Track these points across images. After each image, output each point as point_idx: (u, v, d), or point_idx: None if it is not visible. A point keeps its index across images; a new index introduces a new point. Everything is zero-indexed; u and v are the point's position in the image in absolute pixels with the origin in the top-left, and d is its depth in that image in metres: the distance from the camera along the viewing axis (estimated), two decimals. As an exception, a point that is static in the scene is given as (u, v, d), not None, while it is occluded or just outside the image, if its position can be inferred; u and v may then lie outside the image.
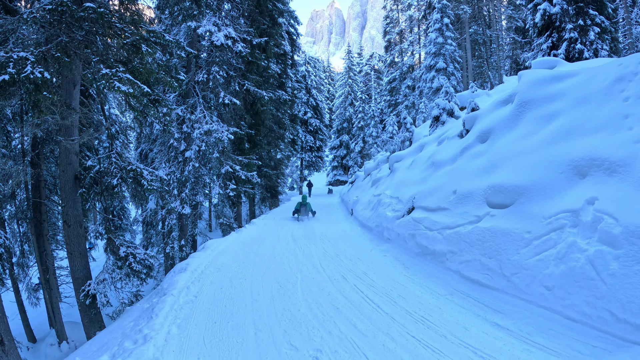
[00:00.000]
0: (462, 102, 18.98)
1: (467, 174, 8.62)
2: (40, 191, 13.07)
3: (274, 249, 11.47)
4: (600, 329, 4.26)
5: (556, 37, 19.74)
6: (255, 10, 20.57)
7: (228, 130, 15.38)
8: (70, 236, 9.73)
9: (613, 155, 5.28)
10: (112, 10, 8.87)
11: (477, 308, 5.72)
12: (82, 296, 9.59)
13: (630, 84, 6.22)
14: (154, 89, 9.96)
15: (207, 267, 9.53)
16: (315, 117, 45.85)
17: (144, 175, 9.95)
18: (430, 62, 31.28)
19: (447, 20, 30.95)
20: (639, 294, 3.95)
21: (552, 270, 4.95)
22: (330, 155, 53.95)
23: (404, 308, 6.02)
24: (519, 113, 8.51)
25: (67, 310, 14.34)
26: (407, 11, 47.47)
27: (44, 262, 13.02)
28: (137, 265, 9.78)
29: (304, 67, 45.36)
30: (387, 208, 11.98)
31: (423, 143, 15.63)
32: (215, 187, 16.21)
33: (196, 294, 7.58)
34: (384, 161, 21.52)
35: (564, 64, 10.82)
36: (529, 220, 5.83)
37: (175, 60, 14.55)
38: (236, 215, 20.41)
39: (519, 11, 32.21)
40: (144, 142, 22.65)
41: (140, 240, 22.84)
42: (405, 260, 8.88)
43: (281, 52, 24.75)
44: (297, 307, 6.44)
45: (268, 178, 25.00)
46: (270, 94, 20.85)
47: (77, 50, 8.41)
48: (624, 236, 4.33)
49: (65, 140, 9.16)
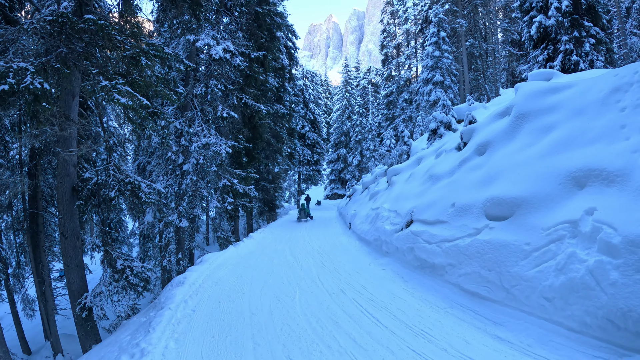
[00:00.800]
0: (459, 115, 19.09)
1: (465, 187, 8.61)
2: (37, 202, 13.03)
3: (272, 263, 11.41)
4: (602, 339, 4.24)
5: (552, 49, 19.94)
6: (253, 24, 20.75)
7: (226, 143, 15.40)
8: (67, 248, 9.67)
9: (611, 166, 5.29)
10: (112, 22, 8.90)
11: (477, 321, 5.68)
12: (79, 309, 9.50)
13: (626, 94, 6.26)
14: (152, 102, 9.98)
15: (205, 281, 9.47)
16: (313, 130, 46.06)
17: (142, 188, 9.92)
18: (427, 75, 31.49)
19: (444, 34, 31.23)
20: (639, 302, 3.93)
21: (552, 282, 4.93)
22: (327, 168, 54.10)
23: (403, 321, 5.97)
24: (516, 125, 8.54)
25: (62, 322, 14.24)
26: (404, 25, 48.04)
27: (40, 274, 12.93)
28: (134, 278, 9.72)
29: (302, 81, 45.63)
30: (385, 221, 11.94)
31: (421, 156, 15.66)
32: (213, 201, 16.18)
33: (194, 308, 7.52)
34: (382, 174, 21.54)
35: (560, 75, 10.89)
36: (528, 232, 5.81)
37: (173, 73, 14.62)
38: (234, 228, 20.38)
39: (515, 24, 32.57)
40: (142, 155, 22.67)
41: (137, 253, 22.78)
42: (404, 274, 8.83)
43: (279, 65, 24.90)
44: (296, 321, 6.38)
45: (266, 192, 25.00)
46: (268, 107, 20.93)
47: (77, 62, 8.43)
48: (623, 245, 4.31)
49: (64, 151, 9.15)
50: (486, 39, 35.46)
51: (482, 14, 35.34)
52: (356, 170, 47.55)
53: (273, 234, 18.80)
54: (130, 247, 25.39)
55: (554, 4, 19.37)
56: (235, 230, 20.44)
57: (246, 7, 18.99)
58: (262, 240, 16.64)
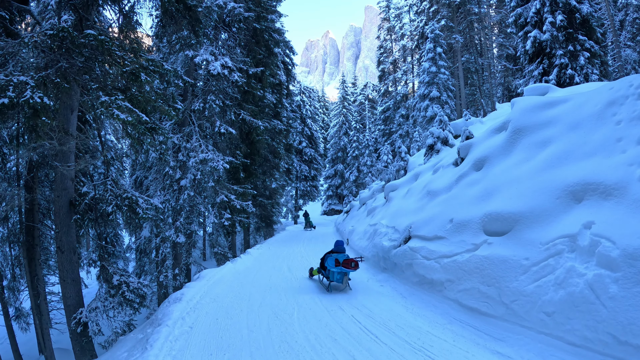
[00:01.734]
0: (456, 130, 19.18)
1: (463, 202, 8.62)
2: (33, 215, 12.95)
3: (270, 279, 11.32)
4: (603, 353, 4.22)
5: (547, 64, 20.14)
6: (251, 40, 20.95)
7: (224, 159, 15.42)
8: (64, 262, 9.58)
9: (608, 179, 5.32)
10: (113, 38, 8.95)
11: (477, 336, 5.64)
12: (74, 324, 9.38)
13: (621, 107, 6.33)
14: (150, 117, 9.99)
15: (202, 297, 9.39)
16: (310, 146, 46.20)
17: (140, 204, 9.88)
18: (424, 91, 31.74)
19: (440, 50, 31.59)
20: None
21: (552, 296, 4.92)
22: (325, 184, 54.13)
23: (402, 338, 5.93)
24: (513, 140, 8.59)
25: (57, 336, 14.09)
26: (400, 41, 48.55)
27: (35, 287, 12.81)
28: (131, 294, 9.61)
29: (299, 97, 45.94)
30: (383, 238, 11.91)
31: (418, 172, 15.69)
32: (210, 216, 16.15)
33: (191, 325, 7.44)
34: (379, 190, 21.54)
35: (555, 89, 11.00)
36: (527, 247, 5.82)
37: (172, 89, 14.68)
38: (231, 244, 20.30)
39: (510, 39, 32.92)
40: (139, 170, 22.63)
41: (133, 267, 22.59)
42: (403, 290, 8.80)
43: (277, 81, 25.07)
44: (295, 339, 6.31)
45: (263, 207, 24.96)
46: (266, 123, 21.04)
47: (77, 77, 8.46)
48: (622, 259, 4.32)
49: (62, 166, 9.12)
50: (482, 54, 35.85)
51: (478, 30, 35.80)
52: (353, 186, 47.58)
53: (270, 250, 18.71)
54: (127, 261, 25.16)
55: (548, 19, 19.63)
56: (232, 246, 20.37)
57: (244, 23, 19.18)
58: (260, 256, 16.55)
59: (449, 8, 35.93)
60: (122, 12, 9.89)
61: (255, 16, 20.31)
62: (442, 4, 36.27)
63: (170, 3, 9.87)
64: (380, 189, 21.35)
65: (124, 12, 9.90)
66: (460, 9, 35.07)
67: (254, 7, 20.30)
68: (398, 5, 49.83)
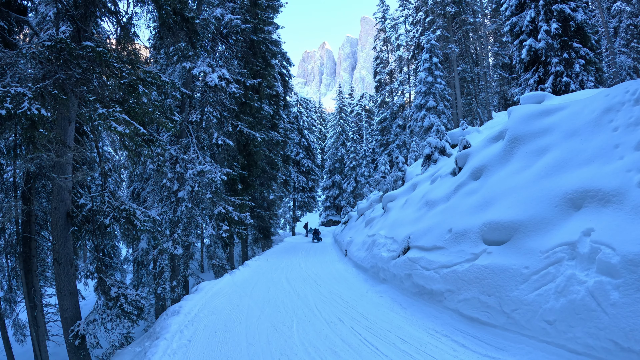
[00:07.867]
0: (453, 139, 19.23)
1: (461, 212, 8.60)
2: (30, 226, 12.86)
3: (268, 292, 11.27)
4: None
5: (542, 72, 20.23)
6: (248, 51, 21.02)
7: (221, 170, 15.39)
8: (61, 274, 9.50)
9: (606, 186, 5.32)
10: (110, 49, 8.96)
11: (479, 346, 5.60)
12: (71, 336, 9.28)
13: (618, 113, 6.36)
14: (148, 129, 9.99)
15: (200, 310, 9.33)
16: (307, 157, 46.16)
17: (137, 216, 9.83)
18: (420, 101, 31.84)
19: (436, 60, 31.75)
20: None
21: (553, 304, 4.89)
22: (322, 195, 54.13)
23: (403, 350, 5.88)
24: (510, 149, 8.60)
25: (54, 348, 13.96)
26: (396, 51, 48.84)
27: (32, 299, 12.69)
28: (129, 306, 9.53)
29: (296, 108, 46.01)
30: (382, 248, 11.87)
31: (416, 182, 15.68)
32: (208, 228, 16.06)
33: (190, 338, 7.38)
34: (377, 201, 21.52)
35: (552, 97, 11.05)
36: (527, 256, 5.80)
37: (169, 100, 14.69)
38: (228, 256, 20.20)
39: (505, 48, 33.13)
40: (137, 181, 22.59)
41: (131, 279, 22.46)
42: (403, 301, 8.75)
43: (274, 93, 25.11)
44: (294, 351, 6.26)
45: (261, 219, 24.91)
46: (263, 135, 21.05)
47: (74, 88, 8.46)
48: (622, 265, 4.31)
49: (59, 177, 9.08)
50: (477, 64, 36.05)
51: (473, 39, 36.03)
52: (351, 197, 47.56)
53: (269, 261, 18.65)
54: (124, 273, 24.99)
55: (543, 27, 19.76)
56: (230, 258, 20.27)
57: (242, 35, 19.27)
58: (258, 268, 16.48)
59: (444, 18, 36.18)
60: (119, 23, 9.90)
61: (252, 28, 20.39)
62: (438, 15, 36.51)
63: (167, 15, 9.90)
64: (378, 200, 21.33)
65: (122, 23, 9.91)
66: (455, 19, 35.31)
67: (251, 19, 20.39)
68: (394, 16, 50.25)
